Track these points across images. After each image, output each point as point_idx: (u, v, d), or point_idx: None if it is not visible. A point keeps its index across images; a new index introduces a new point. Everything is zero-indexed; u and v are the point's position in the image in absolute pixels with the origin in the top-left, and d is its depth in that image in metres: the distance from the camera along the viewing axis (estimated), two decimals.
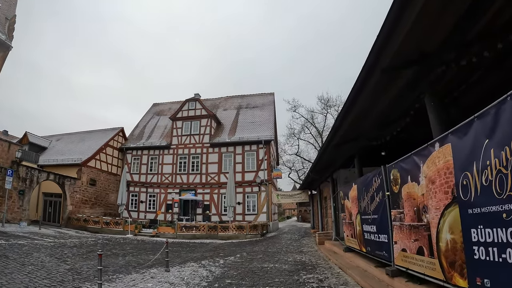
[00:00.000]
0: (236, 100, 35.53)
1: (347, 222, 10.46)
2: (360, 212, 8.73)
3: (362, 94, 6.49)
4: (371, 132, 9.48)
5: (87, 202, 28.71)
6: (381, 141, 10.11)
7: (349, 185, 10.16)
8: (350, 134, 9.47)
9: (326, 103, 41.61)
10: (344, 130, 8.79)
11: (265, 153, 27.31)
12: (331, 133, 9.75)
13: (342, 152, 11.40)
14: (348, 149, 11.06)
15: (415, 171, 5.63)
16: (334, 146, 10.49)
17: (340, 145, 10.44)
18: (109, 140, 31.61)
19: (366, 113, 7.62)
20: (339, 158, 12.54)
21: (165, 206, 28.96)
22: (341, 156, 12.10)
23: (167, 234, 21.62)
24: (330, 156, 12.09)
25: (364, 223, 8.37)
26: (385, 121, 8.49)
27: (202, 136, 29.41)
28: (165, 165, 29.86)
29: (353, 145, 10.61)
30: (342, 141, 10.09)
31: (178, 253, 14.10)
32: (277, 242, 18.39)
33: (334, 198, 15.10)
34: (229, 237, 20.85)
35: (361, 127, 8.75)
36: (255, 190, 26.83)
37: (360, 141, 10.30)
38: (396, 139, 10.17)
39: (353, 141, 10.33)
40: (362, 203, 8.51)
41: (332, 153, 11.51)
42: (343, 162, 13.67)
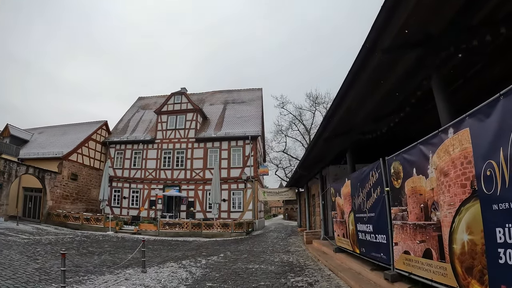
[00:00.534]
0: (223, 95, 34.61)
1: (338, 220, 9.70)
2: (354, 210, 7.99)
3: (360, 78, 5.78)
4: (366, 124, 8.78)
5: (68, 197, 27.54)
6: (376, 134, 9.43)
7: (341, 181, 9.41)
8: (343, 126, 8.76)
9: (315, 100, 41.03)
10: (338, 120, 8.05)
11: (252, 149, 26.51)
12: (322, 124, 9.03)
13: (333, 147, 10.68)
14: (340, 143, 10.35)
15: (422, 162, 4.90)
16: (325, 139, 9.76)
17: (332, 138, 9.71)
18: (92, 134, 30.39)
19: (362, 101, 6.91)
20: (330, 153, 11.82)
21: (148, 203, 27.95)
22: (331, 151, 11.38)
23: (149, 231, 20.72)
24: (320, 151, 11.36)
25: (358, 222, 7.63)
26: (382, 112, 7.81)
27: (188, 131, 28.43)
28: (149, 160, 28.82)
29: (345, 139, 9.91)
30: (333, 134, 9.37)
31: (159, 252, 13.25)
32: (263, 241, 17.65)
33: (323, 196, 14.41)
34: (214, 235, 20.03)
35: (356, 117, 8.04)
36: (241, 187, 26.00)
37: (353, 135, 9.61)
38: (391, 133, 9.50)
39: (346, 135, 9.63)
40: (356, 200, 7.77)
41: (322, 148, 10.78)
42: (334, 158, 12.98)
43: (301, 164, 14.39)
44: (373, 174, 6.73)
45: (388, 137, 9.82)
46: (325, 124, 8.70)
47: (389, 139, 9.41)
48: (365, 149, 11.13)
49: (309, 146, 11.31)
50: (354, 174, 8.19)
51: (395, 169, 5.83)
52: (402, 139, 6.73)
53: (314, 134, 10.60)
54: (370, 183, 6.87)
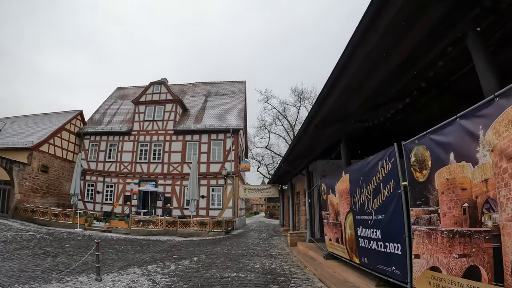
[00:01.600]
0: (206, 87, 32.72)
1: (331, 222, 8.11)
2: (353, 210, 6.44)
3: (368, 41, 4.33)
4: (366, 109, 7.32)
5: (38, 191, 25.31)
6: (378, 121, 7.98)
7: (335, 175, 7.83)
8: (339, 111, 7.29)
9: (300, 96, 39.64)
10: (333, 102, 6.56)
11: (233, 143, 24.80)
12: (314, 108, 7.49)
13: (325, 136, 9.16)
14: (333, 133, 8.84)
15: (465, 143, 3.38)
16: (316, 126, 8.22)
17: (324, 125, 8.20)
18: (66, 124, 28.07)
19: (367, 76, 5.44)
20: (320, 145, 10.28)
21: (123, 198, 25.97)
22: (322, 142, 9.84)
23: (120, 229, 18.88)
24: (309, 142, 9.80)
25: (359, 226, 6.09)
26: (387, 92, 6.35)
27: (166, 123, 26.50)
28: (124, 153, 26.80)
29: (339, 127, 8.42)
30: (326, 120, 7.87)
31: (124, 254, 11.54)
32: (242, 242, 16.04)
33: (310, 194, 12.91)
34: (190, 234, 18.35)
35: (355, 99, 6.58)
36: (221, 183, 24.29)
37: (349, 122, 8.12)
38: (394, 121, 8.10)
39: (341, 122, 8.14)
40: (357, 199, 6.22)
41: (312, 138, 9.24)
42: (323, 150, 11.49)
43: (286, 157, 12.83)
44: (383, 165, 5.20)
45: (390, 126, 8.42)
46: (318, 107, 7.18)
47: (391, 130, 8.01)
48: (361, 141, 9.68)
49: (297, 136, 9.72)
50: (355, 165, 6.59)
51: (417, 156, 4.31)
52: (406, 132, 5.35)
53: (301, 124, 8.96)
54: (378, 177, 5.34)
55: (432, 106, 6.66)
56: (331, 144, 10.42)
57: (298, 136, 9.42)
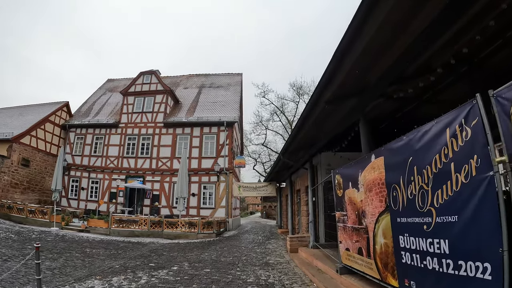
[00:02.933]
0: (200, 79, 30.58)
1: (350, 227, 5.93)
2: (392, 209, 4.31)
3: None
4: (392, 78, 5.36)
5: (18, 186, 23.12)
6: (402, 98, 6.02)
7: (358, 162, 5.66)
8: (359, 78, 5.33)
9: (299, 90, 37.61)
10: (353, 62, 4.66)
11: (227, 136, 22.69)
12: (326, 75, 5.49)
13: (338, 115, 7.13)
14: (348, 112, 6.84)
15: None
16: (328, 102, 6.24)
17: (339, 99, 6.22)
18: (50, 115, 25.87)
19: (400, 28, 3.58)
20: (329, 129, 8.23)
21: (108, 195, 23.86)
22: (333, 124, 7.79)
23: (99, 229, 16.71)
24: (317, 125, 7.71)
25: (404, 232, 3.97)
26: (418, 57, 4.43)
27: (156, 115, 24.32)
28: (111, 147, 24.60)
29: (357, 103, 6.43)
30: (343, 92, 5.89)
31: (92, 260, 9.45)
32: (235, 246, 13.91)
33: (314, 191, 10.86)
34: (177, 236, 16.23)
35: (381, 62, 4.69)
36: (213, 180, 22.15)
37: (370, 96, 6.15)
38: (422, 102, 6.18)
39: (359, 96, 6.17)
40: (401, 192, 4.09)
41: (321, 119, 7.17)
42: (331, 138, 9.47)
43: (287, 148, 10.70)
44: (455, 133, 3.12)
45: (418, 109, 6.50)
46: (331, 72, 5.22)
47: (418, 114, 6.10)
48: (385, 123, 7.69)
49: (302, 117, 7.62)
50: (396, 142, 4.37)
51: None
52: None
53: (308, 101, 6.79)
54: (445, 154, 3.25)
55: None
56: (343, 131, 8.41)
57: (303, 116, 7.32)
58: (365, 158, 5.20)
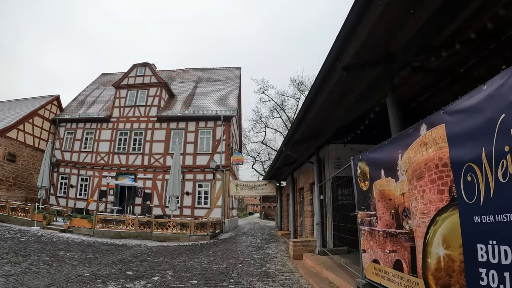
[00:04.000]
0: (197, 73, 28.95)
1: (381, 231, 4.21)
2: (461, 203, 2.67)
3: None
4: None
5: (3, 182, 21.50)
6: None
7: (397, 139, 3.90)
8: (387, 37, 3.92)
9: (300, 86, 36.02)
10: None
11: (224, 132, 21.07)
12: (345, 28, 3.97)
13: (357, 91, 5.59)
14: (372, 84, 5.30)
15: None
16: (345, 70, 4.69)
17: (359, 67, 4.70)
18: (39, 109, 24.30)
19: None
20: (345, 111, 6.62)
21: (98, 193, 22.30)
22: (350, 106, 6.20)
23: (82, 229, 15.11)
24: (328, 106, 6.16)
25: (487, 239, 2.36)
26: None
27: (149, 108, 22.69)
28: (101, 142, 22.98)
29: (382, 72, 4.92)
30: (364, 60, 4.44)
31: (60, 266, 7.87)
32: (230, 250, 12.27)
33: (321, 188, 9.29)
34: (167, 238, 14.63)
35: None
36: (209, 177, 20.53)
37: (397, 65, 4.69)
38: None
39: (384, 64, 4.69)
40: (482, 175, 2.45)
41: (335, 96, 5.67)
42: (342, 127, 7.94)
43: (290, 137, 9.02)
44: None
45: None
46: (354, 22, 3.74)
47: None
48: (415, 102, 6.15)
49: (311, 93, 5.96)
50: (470, 98, 2.64)
51: None
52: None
53: (319, 70, 5.14)
54: None
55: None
56: (359, 116, 6.86)
57: (314, 89, 5.69)
58: (408, 133, 3.57)
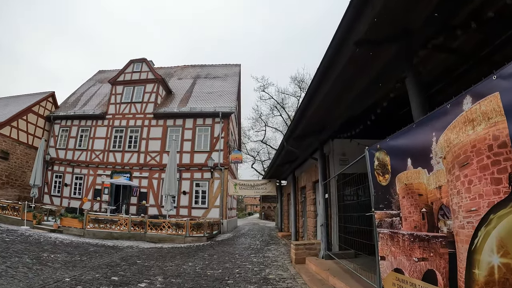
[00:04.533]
0: (195, 70, 28.18)
1: (406, 235, 3.38)
2: None
3: None
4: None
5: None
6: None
7: (430, 119, 3.08)
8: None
9: (301, 84, 35.24)
10: None
11: (223, 129, 20.29)
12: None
13: (372, 71, 4.83)
14: (390, 62, 4.54)
15: None
16: (358, 45, 3.92)
17: (375, 43, 3.96)
18: (33, 105, 23.52)
19: None
20: (355, 97, 5.84)
21: (92, 192, 21.54)
22: (363, 90, 5.42)
23: (73, 229, 14.36)
24: (337, 92, 5.42)
25: None
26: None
27: (146, 105, 21.91)
28: (96, 140, 22.22)
29: (400, 50, 4.18)
30: (380, 33, 3.73)
31: (41, 269, 7.07)
32: (228, 253, 11.46)
33: (326, 186, 8.52)
34: (161, 239, 13.86)
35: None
36: (207, 176, 19.76)
37: (416, 42, 4.00)
38: None
39: (402, 40, 3.97)
40: None
41: (346, 78, 4.88)
42: (349, 118, 7.18)
43: (292, 130, 8.20)
44: None
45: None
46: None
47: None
48: (436, 86, 5.41)
49: (318, 75, 5.16)
50: None
51: None
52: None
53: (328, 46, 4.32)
54: None
55: None
56: (371, 104, 6.11)
57: (321, 69, 4.91)
58: (445, 110, 2.75)
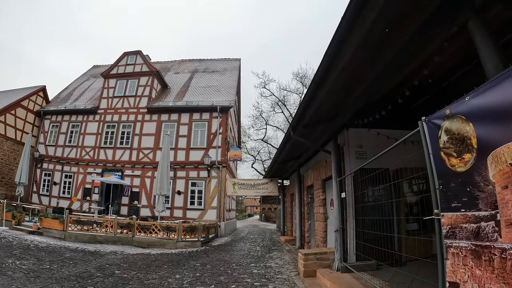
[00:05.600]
0: (193, 64, 26.72)
1: (510, 250, 2.12)
2: None
3: None
4: None
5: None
6: None
7: None
8: None
9: (303, 80, 33.76)
10: None
11: (221, 124, 18.81)
12: None
13: (418, 19, 3.43)
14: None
15: None
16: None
17: None
18: (22, 99, 22.07)
19: None
20: (389, 63, 4.40)
21: (82, 191, 20.11)
22: (403, 48, 3.99)
23: (54, 231, 12.90)
24: (365, 56, 4.01)
25: None
26: None
27: (139, 99, 20.45)
28: (87, 136, 20.74)
29: None
30: None
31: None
32: (223, 262, 9.85)
33: (342, 184, 7.04)
34: (150, 244, 12.36)
35: None
36: (203, 175, 18.28)
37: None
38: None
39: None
40: None
41: (378, 34, 3.51)
42: (368, 104, 5.76)
43: (301, 115, 6.61)
44: None
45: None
46: None
47: None
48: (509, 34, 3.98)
49: (339, 31, 3.78)
50: None
51: None
52: None
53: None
54: None
55: None
56: (410, 73, 4.68)
57: (345, 25, 3.50)
58: None
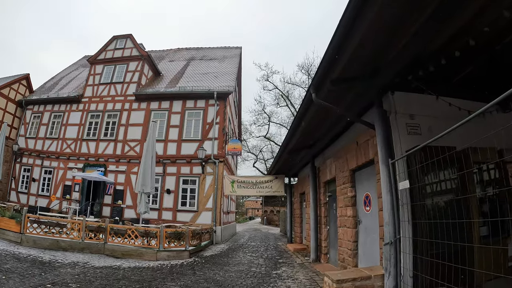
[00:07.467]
0: (190, 52, 24.24)
1: None
2: None
3: None
4: None
5: None
6: None
7: None
8: None
9: (309, 71, 31.27)
10: None
11: (218, 113, 16.20)
12: None
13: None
14: None
15: None
16: None
17: None
18: (2, 87, 19.74)
19: None
20: None
21: (62, 188, 17.66)
22: None
23: (9, 233, 10.40)
24: None
25: None
26: None
27: (127, 86, 17.92)
28: (69, 127, 18.27)
29: None
30: None
31: None
32: (213, 284, 6.93)
33: (394, 167, 4.47)
34: (126, 253, 9.77)
35: None
36: (197, 171, 15.66)
37: None
38: None
39: None
40: None
41: None
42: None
43: (330, 63, 4.13)
44: None
45: None
46: None
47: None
48: None
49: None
50: None
51: None
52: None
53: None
54: None
55: None
56: None
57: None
58: None
